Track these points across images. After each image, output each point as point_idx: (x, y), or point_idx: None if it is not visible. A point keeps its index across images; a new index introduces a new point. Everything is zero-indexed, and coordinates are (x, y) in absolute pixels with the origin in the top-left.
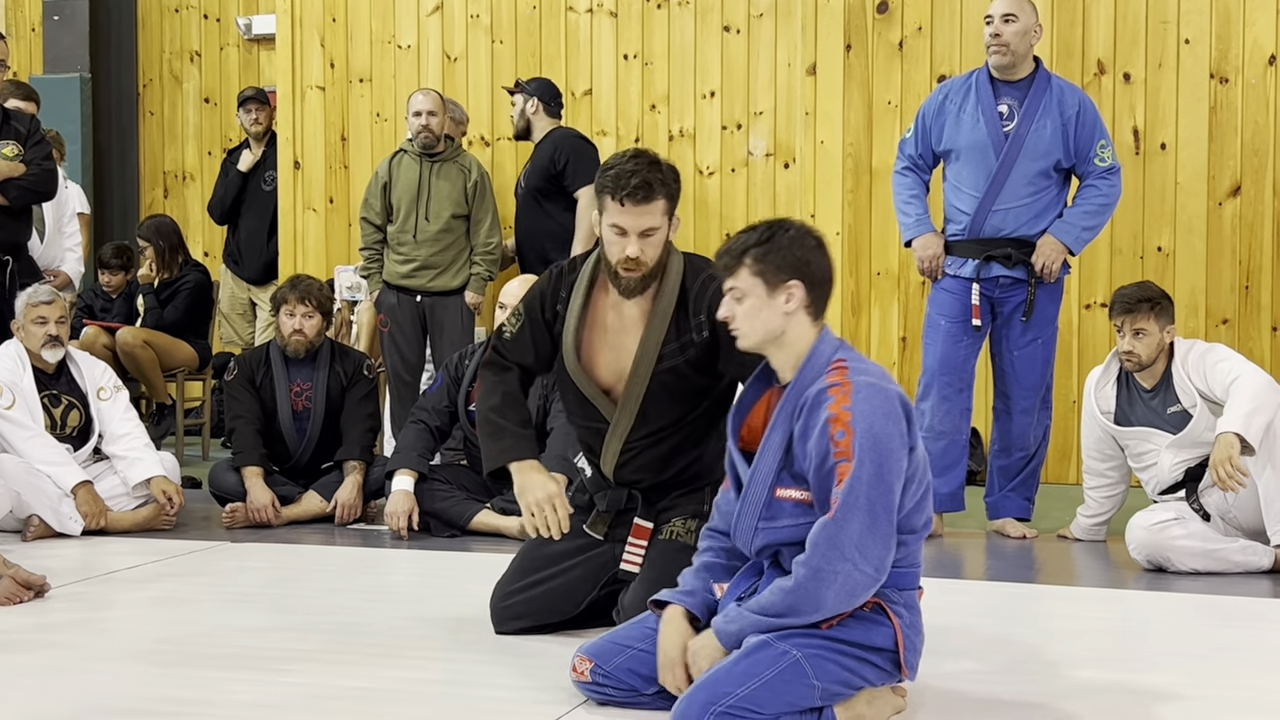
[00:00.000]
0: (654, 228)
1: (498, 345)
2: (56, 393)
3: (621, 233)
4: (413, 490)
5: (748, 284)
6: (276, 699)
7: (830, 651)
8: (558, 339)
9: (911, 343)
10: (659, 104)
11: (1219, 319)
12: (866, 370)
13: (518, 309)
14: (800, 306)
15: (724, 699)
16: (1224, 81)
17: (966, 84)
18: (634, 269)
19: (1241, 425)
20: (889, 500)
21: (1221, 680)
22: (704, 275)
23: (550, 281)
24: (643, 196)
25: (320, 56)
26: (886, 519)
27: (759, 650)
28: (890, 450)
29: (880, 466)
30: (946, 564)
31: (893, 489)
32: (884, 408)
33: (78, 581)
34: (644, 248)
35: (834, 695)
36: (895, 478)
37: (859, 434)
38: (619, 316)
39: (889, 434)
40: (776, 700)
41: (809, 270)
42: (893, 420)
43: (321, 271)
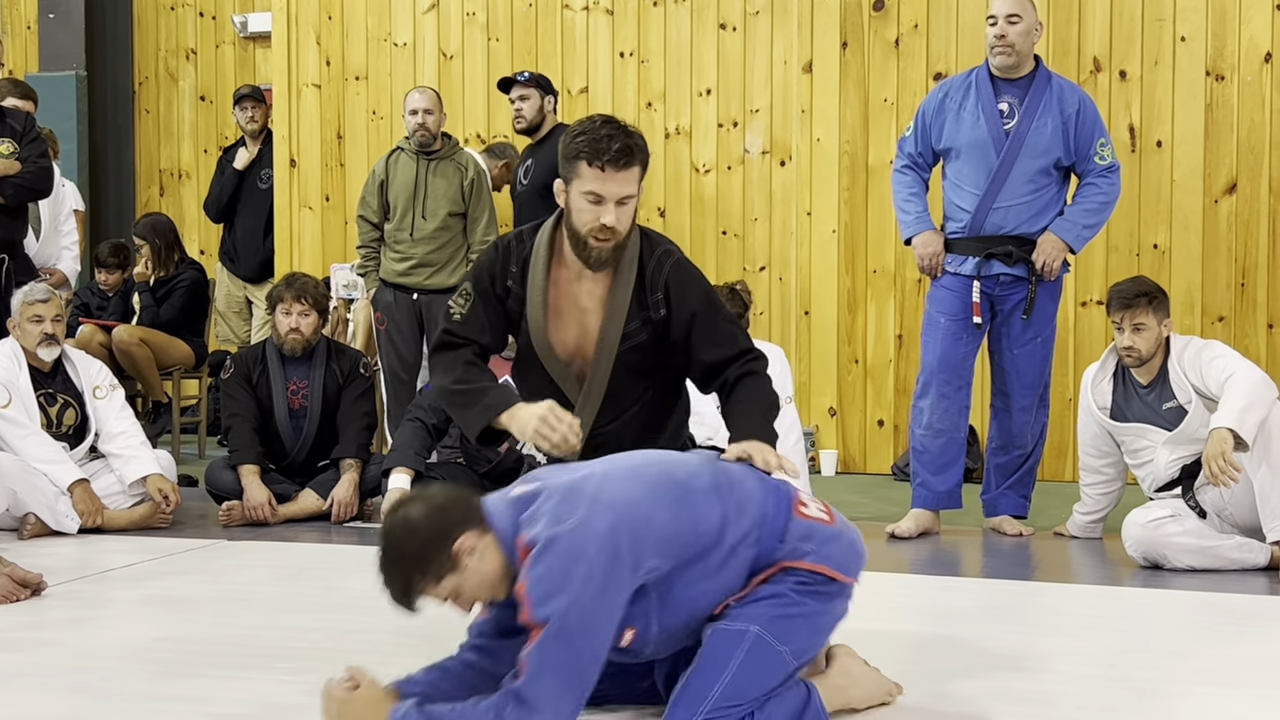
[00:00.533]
0: (630, 195)
1: (448, 328)
2: (52, 391)
3: (597, 200)
4: (409, 488)
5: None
6: (273, 697)
7: (782, 608)
8: (511, 316)
9: (908, 340)
10: (655, 101)
11: (1215, 316)
12: (560, 517)
13: (464, 288)
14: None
15: (702, 705)
16: (1220, 79)
17: (966, 82)
18: (607, 239)
19: (1235, 421)
20: (582, 658)
21: (1217, 677)
22: (660, 250)
23: (498, 255)
24: (624, 162)
25: (316, 54)
26: (578, 677)
27: (716, 641)
28: (571, 609)
29: (568, 629)
30: (943, 561)
31: (589, 642)
32: (571, 558)
33: (74, 580)
34: (619, 216)
35: (806, 650)
36: (587, 634)
37: (532, 602)
38: (580, 293)
39: (571, 584)
40: (754, 684)
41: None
42: (583, 561)
43: (317, 269)
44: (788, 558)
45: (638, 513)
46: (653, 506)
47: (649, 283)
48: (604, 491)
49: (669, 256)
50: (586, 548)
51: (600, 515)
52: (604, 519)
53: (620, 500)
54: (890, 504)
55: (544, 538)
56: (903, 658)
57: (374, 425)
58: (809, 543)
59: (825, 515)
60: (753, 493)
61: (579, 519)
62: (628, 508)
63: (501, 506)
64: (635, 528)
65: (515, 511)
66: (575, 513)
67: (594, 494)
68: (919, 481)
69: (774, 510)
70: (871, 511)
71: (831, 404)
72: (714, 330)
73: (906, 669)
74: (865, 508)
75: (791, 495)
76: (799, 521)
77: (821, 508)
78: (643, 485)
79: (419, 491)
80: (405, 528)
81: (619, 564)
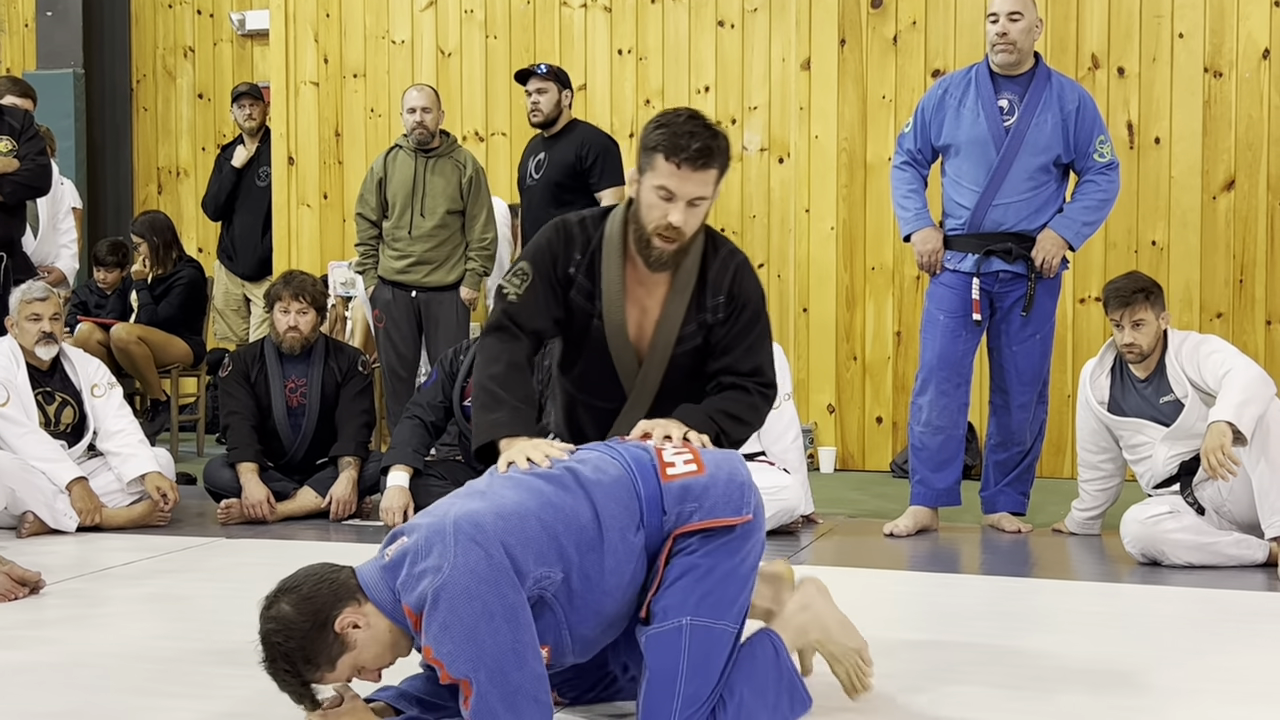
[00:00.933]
0: (703, 197)
1: (506, 309)
2: (50, 390)
3: (668, 196)
4: (408, 486)
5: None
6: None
7: (699, 581)
8: (571, 305)
9: (906, 337)
10: (653, 99)
11: (1213, 313)
12: (433, 569)
13: (520, 268)
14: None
15: (667, 715)
16: (1218, 76)
17: (966, 78)
18: (672, 239)
19: (1234, 414)
20: (524, 686)
21: (1216, 673)
22: (724, 251)
23: (559, 238)
24: (702, 162)
25: (314, 52)
26: (531, 702)
27: (655, 648)
28: (485, 654)
29: (495, 671)
30: (942, 558)
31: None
32: (461, 601)
33: (73, 578)
34: (688, 217)
35: (742, 607)
36: (515, 664)
37: (445, 661)
38: (644, 289)
39: (474, 627)
40: (708, 672)
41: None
42: (474, 600)
43: (316, 267)
44: (676, 525)
45: (506, 529)
46: (519, 519)
47: (711, 284)
48: (465, 521)
49: (733, 258)
50: (471, 585)
51: (469, 547)
52: (474, 550)
53: (485, 524)
54: (889, 501)
55: (429, 596)
56: (900, 655)
57: (372, 423)
58: (689, 502)
59: (694, 465)
60: (618, 476)
61: (451, 563)
62: (494, 528)
63: (376, 576)
64: (508, 544)
65: (390, 579)
66: (446, 558)
67: (455, 529)
68: (917, 478)
69: (644, 485)
70: (870, 508)
71: (830, 401)
72: (745, 337)
73: (904, 666)
74: (864, 505)
75: (654, 461)
76: (670, 486)
77: (688, 457)
78: (502, 503)
79: (282, 583)
80: (280, 627)
81: (509, 584)
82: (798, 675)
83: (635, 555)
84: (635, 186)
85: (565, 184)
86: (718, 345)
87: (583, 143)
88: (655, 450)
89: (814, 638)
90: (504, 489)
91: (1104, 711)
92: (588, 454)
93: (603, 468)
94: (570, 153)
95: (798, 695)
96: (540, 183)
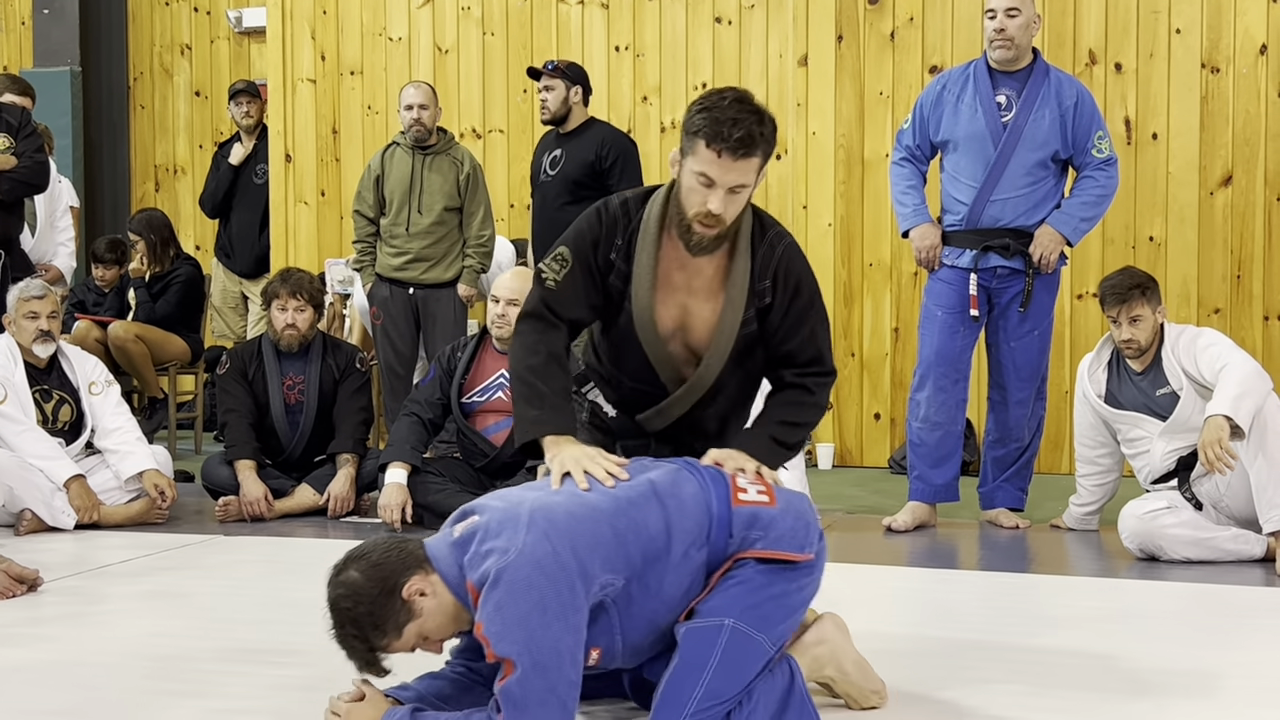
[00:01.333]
0: (744, 185)
1: (544, 296)
2: (48, 388)
3: (708, 184)
4: (406, 483)
5: None
6: (271, 692)
7: (752, 594)
8: (609, 292)
9: (904, 333)
10: (651, 95)
11: (1211, 308)
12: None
13: (560, 253)
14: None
15: (686, 707)
16: (1215, 71)
17: (965, 74)
18: (711, 226)
19: (1230, 408)
20: (557, 687)
21: (1214, 669)
22: (771, 233)
23: (601, 223)
24: (743, 151)
25: (311, 49)
26: (558, 705)
27: (692, 640)
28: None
29: (536, 663)
30: (940, 554)
31: (560, 671)
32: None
33: (71, 576)
34: (728, 204)
35: (783, 634)
36: (556, 663)
37: (492, 640)
38: (685, 273)
39: (528, 615)
40: (735, 678)
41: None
42: (532, 590)
43: (313, 264)
44: (739, 549)
45: (578, 530)
46: (593, 522)
47: (759, 268)
48: (540, 515)
49: (781, 240)
50: (532, 575)
51: (540, 540)
52: (544, 544)
53: (558, 521)
54: (887, 497)
55: (491, 574)
56: (899, 650)
57: (370, 420)
58: (755, 529)
59: (765, 496)
60: (693, 492)
61: (518, 548)
62: (566, 527)
63: (444, 550)
64: (576, 545)
65: (458, 554)
66: (514, 543)
67: (530, 519)
68: (916, 474)
69: (717, 504)
70: (868, 505)
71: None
72: (802, 324)
73: (902, 661)
74: (862, 501)
75: (728, 484)
76: (740, 510)
77: (761, 489)
78: (579, 502)
79: (351, 551)
80: (349, 593)
81: (569, 585)
82: (809, 699)
83: (695, 570)
84: (677, 168)
85: (583, 182)
86: (775, 333)
87: (603, 142)
88: (730, 475)
89: (828, 673)
90: (590, 492)
91: (1101, 707)
92: (664, 466)
93: (679, 482)
94: (590, 151)
95: (805, 713)
96: (556, 179)
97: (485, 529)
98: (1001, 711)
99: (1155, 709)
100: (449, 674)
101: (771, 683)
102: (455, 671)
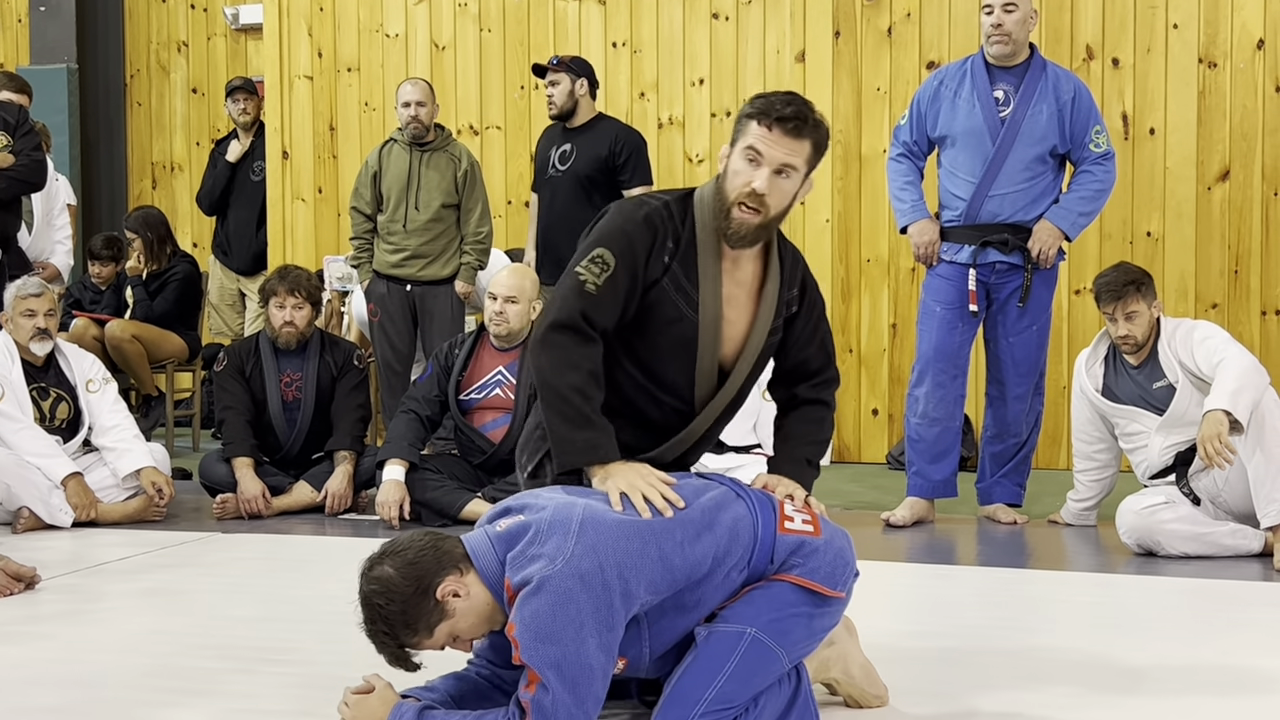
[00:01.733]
0: (793, 166)
1: (583, 308)
2: (45, 385)
3: (755, 158)
4: (404, 480)
5: None
6: (269, 689)
7: (779, 610)
8: (653, 299)
9: (902, 329)
10: (648, 92)
11: (1208, 304)
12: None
13: (600, 256)
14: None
15: (696, 707)
16: (1212, 66)
17: (962, 70)
18: (754, 210)
19: (1229, 402)
20: (585, 703)
21: (1212, 663)
22: (789, 245)
23: (647, 225)
24: (794, 128)
25: (308, 46)
26: (581, 714)
27: (713, 642)
28: (565, 657)
29: (565, 678)
30: (938, 549)
31: (589, 687)
32: (561, 600)
33: (68, 573)
34: (773, 186)
35: (800, 654)
36: (586, 679)
37: (524, 646)
38: (732, 278)
39: (564, 629)
40: (748, 685)
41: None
42: (571, 604)
43: (311, 261)
44: (776, 573)
45: (626, 549)
46: (641, 542)
47: (787, 276)
48: (590, 526)
49: (796, 251)
50: (574, 589)
51: (587, 554)
52: (591, 558)
53: (607, 537)
54: (885, 493)
55: (534, 580)
56: (897, 646)
57: (368, 417)
58: (796, 556)
59: (810, 527)
60: (742, 516)
61: (565, 558)
62: (614, 544)
63: (485, 544)
64: (623, 565)
65: (501, 548)
66: (563, 552)
67: (579, 530)
68: (914, 470)
69: (763, 530)
70: (866, 500)
71: None
72: (816, 334)
73: (900, 657)
74: (860, 497)
75: (776, 509)
76: (785, 538)
77: (807, 518)
78: (630, 519)
79: (386, 545)
80: (382, 589)
81: (609, 603)
82: (812, 698)
83: (731, 589)
84: (724, 163)
85: (595, 178)
86: (795, 341)
87: (615, 138)
88: (779, 501)
89: (834, 675)
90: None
91: (1098, 702)
92: (714, 487)
93: (727, 504)
94: (603, 147)
95: (808, 716)
96: (566, 175)
97: (536, 530)
98: (999, 707)
99: (1153, 704)
100: (469, 675)
101: (779, 688)
102: (478, 673)
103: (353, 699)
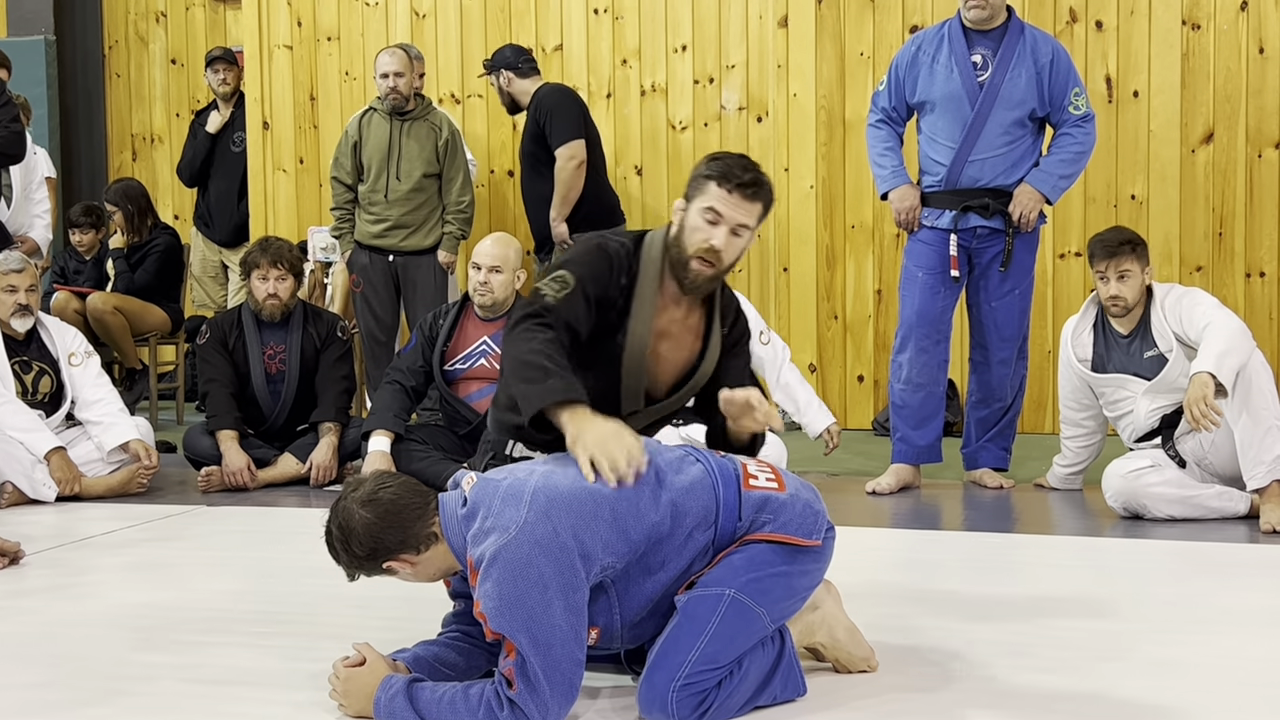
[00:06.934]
0: (747, 226)
1: (542, 308)
2: (27, 359)
3: (715, 219)
4: (389, 451)
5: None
6: (255, 663)
7: (757, 570)
8: (602, 322)
9: (887, 295)
10: (630, 59)
11: (1193, 266)
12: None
13: (562, 276)
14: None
15: (680, 669)
16: (1196, 28)
17: (939, 34)
18: (711, 264)
19: (1215, 365)
20: (561, 665)
21: (1198, 626)
22: (724, 284)
23: (604, 259)
24: (752, 193)
25: (287, 15)
26: (564, 682)
27: (692, 606)
28: (532, 622)
29: (537, 642)
30: (924, 515)
31: (563, 648)
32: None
33: (53, 547)
34: (730, 244)
35: (783, 613)
36: (560, 640)
37: (491, 617)
38: (671, 317)
39: (526, 593)
40: (731, 646)
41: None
42: (531, 569)
43: (293, 233)
44: (748, 532)
45: (580, 511)
46: (594, 504)
47: (725, 314)
48: (542, 494)
49: (729, 289)
50: (533, 554)
51: (540, 519)
52: (545, 523)
53: (557, 500)
54: (871, 459)
55: (491, 551)
56: (883, 611)
57: (353, 389)
58: (765, 513)
59: (775, 483)
60: (700, 477)
61: (518, 525)
62: (568, 507)
63: (455, 521)
64: (578, 527)
65: (464, 527)
66: (515, 520)
67: (532, 498)
68: (899, 436)
69: (725, 489)
70: (852, 467)
71: (811, 360)
72: (741, 366)
73: (887, 622)
74: (846, 463)
75: (738, 470)
76: (750, 494)
77: (770, 475)
78: (582, 483)
79: (379, 481)
80: (341, 535)
81: (570, 565)
82: (797, 662)
83: (697, 551)
84: (680, 215)
85: (535, 152)
86: (726, 374)
87: (538, 107)
88: (741, 463)
89: (819, 639)
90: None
91: (1086, 666)
92: (670, 451)
93: (683, 467)
94: (532, 121)
95: (792, 679)
96: (523, 156)
97: (489, 505)
98: (986, 672)
99: (1140, 667)
100: (446, 640)
101: (762, 650)
102: (451, 637)
103: (343, 671)
